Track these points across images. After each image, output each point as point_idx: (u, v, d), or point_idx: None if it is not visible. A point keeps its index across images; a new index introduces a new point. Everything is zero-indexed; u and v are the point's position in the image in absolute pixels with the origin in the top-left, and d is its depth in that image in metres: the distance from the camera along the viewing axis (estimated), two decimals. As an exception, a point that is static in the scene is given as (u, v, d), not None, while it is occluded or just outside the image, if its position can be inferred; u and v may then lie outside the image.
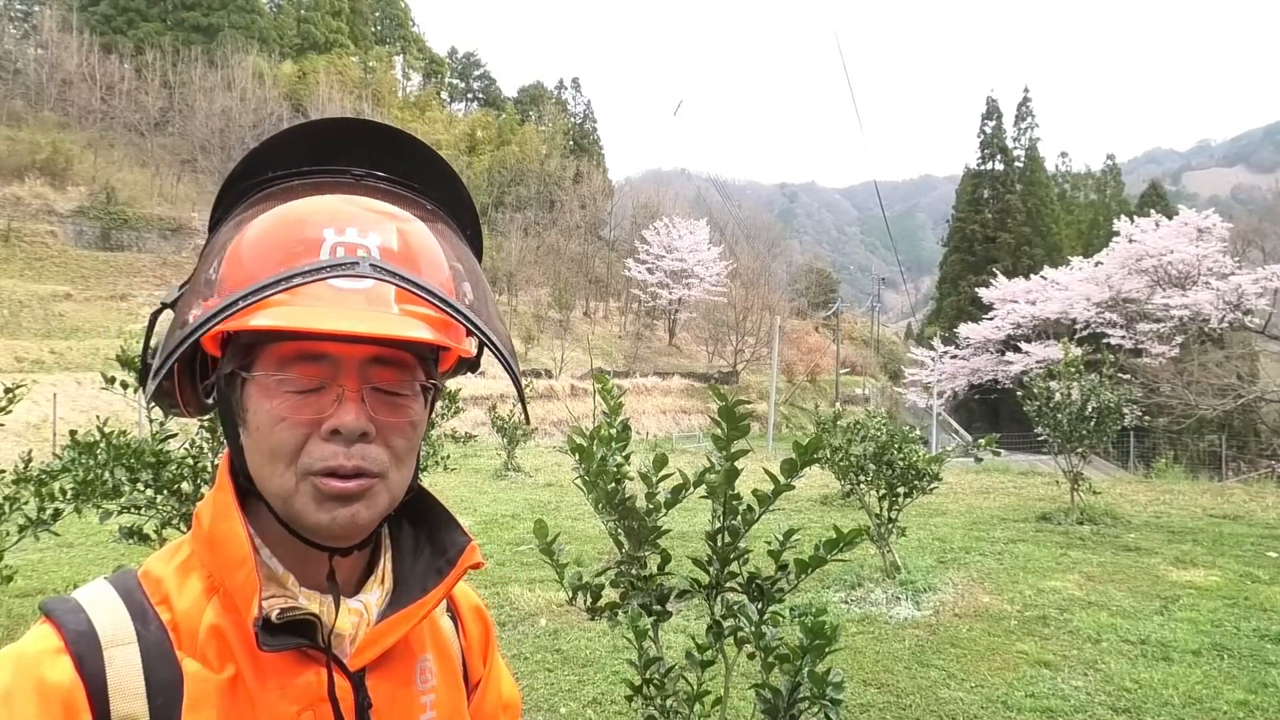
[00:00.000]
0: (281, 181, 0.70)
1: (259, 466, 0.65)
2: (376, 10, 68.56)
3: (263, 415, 0.64)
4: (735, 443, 1.87)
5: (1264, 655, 4.75)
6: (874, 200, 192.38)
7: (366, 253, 0.63)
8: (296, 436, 0.63)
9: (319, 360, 0.63)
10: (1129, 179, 70.22)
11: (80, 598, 0.65)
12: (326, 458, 0.63)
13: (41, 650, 0.60)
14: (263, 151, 0.71)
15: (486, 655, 0.87)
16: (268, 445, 0.64)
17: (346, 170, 0.72)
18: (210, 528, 0.67)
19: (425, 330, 0.62)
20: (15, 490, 3.94)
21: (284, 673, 0.65)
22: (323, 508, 0.64)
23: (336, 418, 0.63)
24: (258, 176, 0.71)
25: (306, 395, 0.63)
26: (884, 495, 6.24)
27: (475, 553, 0.75)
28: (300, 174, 0.71)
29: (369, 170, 0.73)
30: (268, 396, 0.63)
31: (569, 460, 2.98)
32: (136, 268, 32.50)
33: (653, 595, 2.11)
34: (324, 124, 0.71)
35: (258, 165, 0.72)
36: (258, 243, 0.64)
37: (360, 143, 0.73)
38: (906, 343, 56.12)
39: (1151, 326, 26.52)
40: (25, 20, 44.54)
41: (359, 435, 0.64)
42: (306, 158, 0.72)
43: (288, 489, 0.64)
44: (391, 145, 0.74)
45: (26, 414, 15.67)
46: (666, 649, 2.22)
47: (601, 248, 57.10)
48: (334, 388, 0.64)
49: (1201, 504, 10.44)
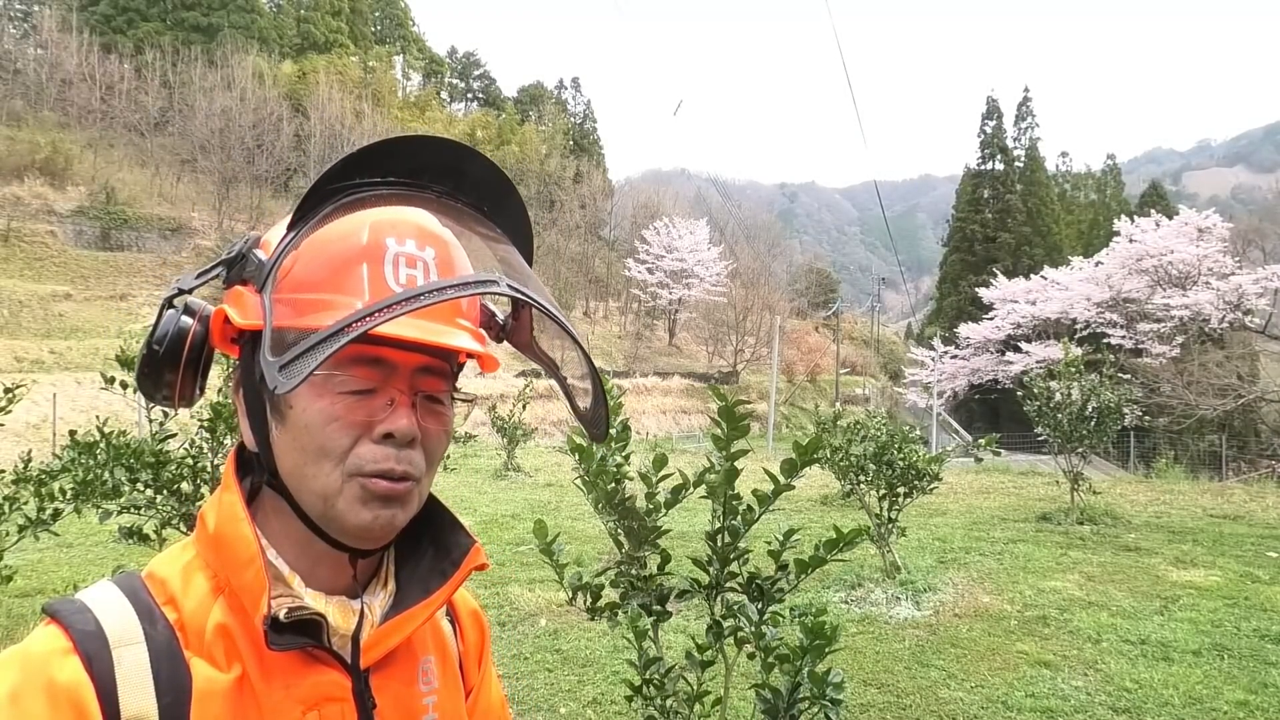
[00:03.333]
0: (368, 189, 0.70)
1: (299, 465, 0.65)
2: (376, 10, 68.51)
3: (312, 414, 0.64)
4: (735, 443, 1.87)
5: (1264, 655, 4.75)
6: (874, 200, 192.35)
7: (425, 265, 0.65)
8: (348, 438, 0.64)
9: (375, 364, 0.64)
10: (1129, 179, 70.25)
11: (85, 598, 0.65)
12: (379, 460, 0.64)
13: (50, 650, 0.60)
14: (353, 160, 0.71)
15: (481, 661, 0.87)
16: (315, 444, 0.64)
17: (428, 186, 0.73)
18: (217, 529, 0.67)
19: (473, 342, 0.66)
20: (15, 490, 3.94)
21: (290, 673, 0.65)
22: (368, 507, 0.65)
23: (391, 422, 0.64)
24: (345, 181, 0.71)
25: (360, 397, 0.64)
26: (884, 495, 6.24)
27: (480, 554, 0.76)
28: (386, 183, 0.71)
29: (449, 189, 0.74)
30: (318, 396, 0.64)
31: (569, 460, 2.98)
32: (136, 268, 32.50)
33: (653, 595, 2.11)
34: (414, 140, 0.72)
35: (347, 172, 0.72)
36: (324, 246, 0.65)
37: (447, 162, 0.73)
38: (906, 343, 56.13)
39: (1152, 326, 26.51)
40: (25, 20, 44.50)
41: (409, 440, 0.65)
42: (394, 170, 0.72)
43: (332, 488, 0.65)
44: (470, 168, 0.75)
45: (26, 414, 15.68)
46: (666, 649, 2.22)
47: (601, 248, 57.08)
48: (387, 391, 0.65)
49: (1201, 504, 10.44)
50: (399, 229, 0.66)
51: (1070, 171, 68.60)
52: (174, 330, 0.69)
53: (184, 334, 0.69)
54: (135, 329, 4.15)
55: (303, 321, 0.61)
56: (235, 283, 0.68)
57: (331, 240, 0.65)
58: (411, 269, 0.64)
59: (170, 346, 0.69)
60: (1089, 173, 68.44)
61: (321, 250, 0.65)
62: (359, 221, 0.66)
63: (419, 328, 0.62)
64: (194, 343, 0.69)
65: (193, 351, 0.69)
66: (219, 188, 37.10)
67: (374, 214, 0.67)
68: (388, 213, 0.68)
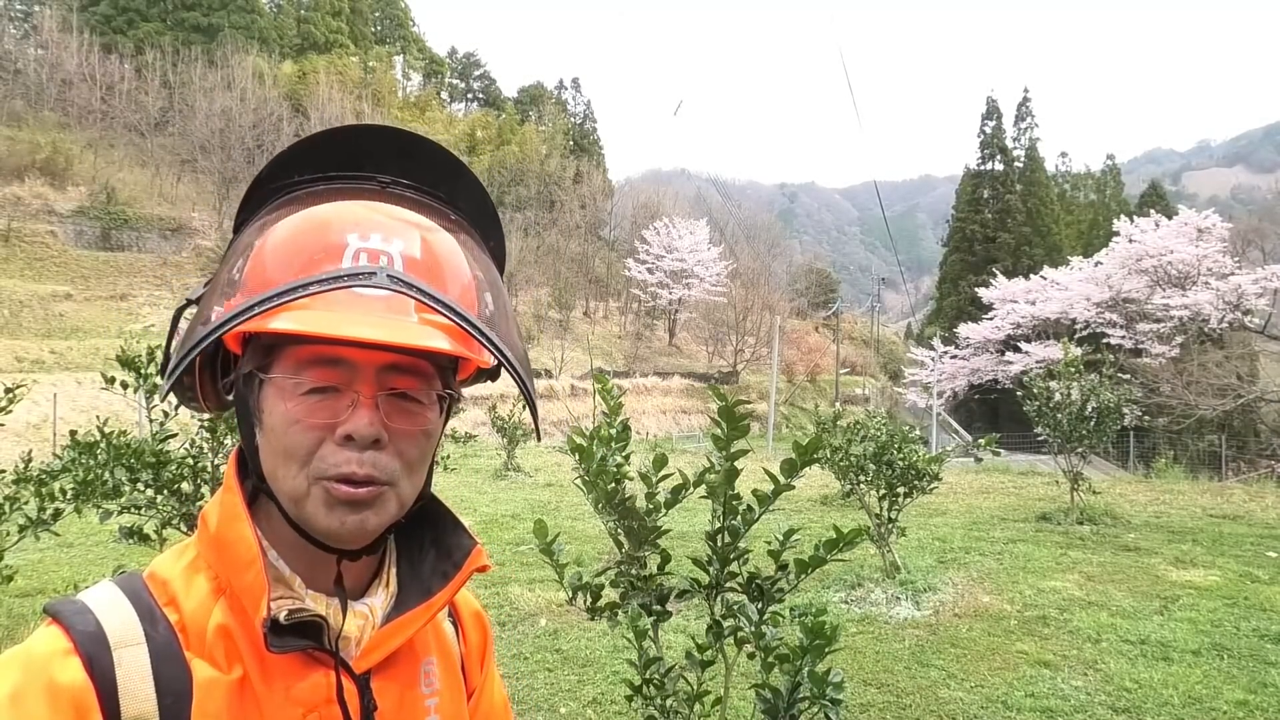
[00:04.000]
0: (308, 185, 0.70)
1: (273, 467, 0.66)
2: (376, 10, 68.50)
3: (278, 416, 0.64)
4: (735, 443, 1.87)
5: (1264, 655, 4.75)
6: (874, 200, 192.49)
7: (389, 260, 0.62)
8: (310, 440, 0.63)
9: (336, 364, 0.63)
10: (1129, 179, 70.21)
11: (87, 599, 0.65)
12: (339, 464, 0.63)
13: (51, 651, 0.60)
14: (290, 155, 0.71)
15: (484, 662, 0.87)
16: (281, 446, 0.64)
17: (373, 177, 0.72)
18: (218, 530, 0.67)
19: (443, 340, 0.62)
20: (15, 490, 3.94)
21: (290, 674, 0.65)
22: (333, 513, 0.64)
23: (350, 423, 0.63)
24: (284, 179, 0.71)
25: (322, 398, 0.63)
26: (884, 495, 6.24)
27: (481, 556, 0.75)
28: (327, 179, 0.70)
29: (395, 178, 0.73)
30: (283, 398, 0.63)
31: (569, 460, 2.98)
32: (136, 268, 32.47)
33: (653, 595, 2.11)
34: (351, 130, 0.71)
35: (284, 168, 0.72)
36: (281, 246, 0.64)
37: (387, 150, 0.72)
38: (906, 343, 56.10)
39: (1151, 326, 26.54)
40: (25, 20, 44.50)
41: (371, 441, 0.64)
42: (333, 163, 0.72)
43: (299, 491, 0.64)
44: (418, 153, 0.73)
45: (26, 414, 15.67)
46: (666, 649, 2.22)
47: (601, 248, 57.06)
48: (349, 393, 0.64)
49: (1201, 504, 10.44)
50: (362, 223, 0.64)
51: (1070, 172, 68.54)
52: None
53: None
54: (135, 329, 4.16)
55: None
56: None
57: (289, 237, 0.64)
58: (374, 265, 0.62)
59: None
60: (1089, 173, 68.39)
61: (280, 249, 0.64)
62: (319, 217, 0.64)
63: (366, 326, 0.59)
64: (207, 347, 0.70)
65: (205, 356, 0.69)
66: (219, 188, 37.07)
67: (335, 208, 0.65)
68: (352, 206, 0.66)
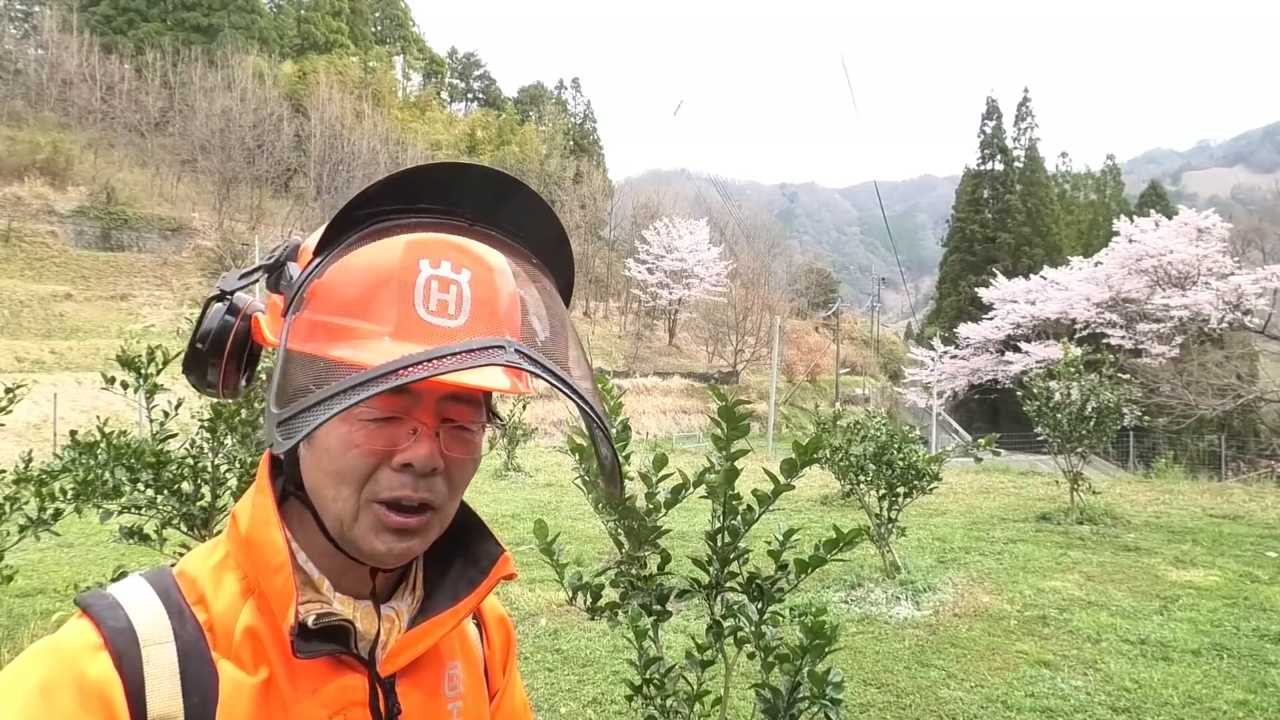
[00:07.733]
0: (397, 216, 0.69)
1: (320, 485, 0.66)
2: (376, 10, 68.47)
3: (335, 438, 0.64)
4: (735, 443, 1.87)
5: (1264, 655, 4.75)
6: (874, 200, 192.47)
7: (459, 288, 0.63)
8: (368, 465, 0.64)
9: (399, 392, 0.62)
10: (1129, 179, 70.22)
11: (117, 594, 0.65)
12: (395, 487, 0.64)
13: (81, 645, 0.61)
14: (383, 186, 0.70)
15: (506, 665, 0.88)
16: (335, 468, 0.64)
17: (461, 214, 0.72)
18: (249, 531, 0.68)
19: (505, 379, 0.62)
20: (16, 490, 3.95)
21: (316, 677, 0.66)
22: (381, 538, 0.65)
23: (411, 452, 0.64)
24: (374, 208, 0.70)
25: (382, 425, 0.64)
26: (884, 495, 6.24)
27: (509, 564, 0.76)
28: (417, 210, 0.70)
29: (482, 216, 0.72)
30: (341, 421, 0.63)
31: (569, 460, 2.98)
32: (137, 268, 32.47)
33: (653, 595, 2.11)
34: (445, 167, 0.71)
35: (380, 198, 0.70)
36: (355, 267, 0.63)
37: (479, 188, 0.72)
38: (906, 343, 56.07)
39: (1151, 326, 26.51)
40: (25, 20, 44.49)
41: (429, 470, 0.65)
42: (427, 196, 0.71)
43: (348, 513, 0.65)
44: (508, 195, 0.73)
45: (27, 414, 15.67)
46: (666, 649, 2.22)
47: (601, 248, 57.04)
48: (410, 421, 0.64)
49: (1201, 504, 10.44)
50: (432, 249, 0.64)
51: (1070, 172, 68.59)
52: (217, 327, 0.70)
53: (226, 330, 0.70)
54: (135, 329, 4.16)
55: (324, 350, 0.60)
56: (273, 289, 0.69)
57: (363, 261, 0.64)
58: (444, 294, 0.62)
59: (213, 342, 0.70)
60: (1089, 173, 68.45)
61: (352, 271, 0.63)
62: (393, 242, 0.64)
63: (477, 374, 0.60)
64: (236, 338, 0.70)
65: (235, 346, 0.70)
66: (219, 188, 37.09)
67: (408, 235, 0.65)
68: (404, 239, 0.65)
